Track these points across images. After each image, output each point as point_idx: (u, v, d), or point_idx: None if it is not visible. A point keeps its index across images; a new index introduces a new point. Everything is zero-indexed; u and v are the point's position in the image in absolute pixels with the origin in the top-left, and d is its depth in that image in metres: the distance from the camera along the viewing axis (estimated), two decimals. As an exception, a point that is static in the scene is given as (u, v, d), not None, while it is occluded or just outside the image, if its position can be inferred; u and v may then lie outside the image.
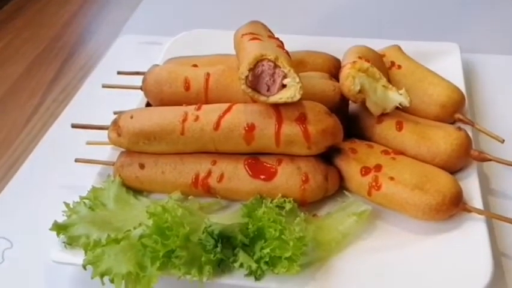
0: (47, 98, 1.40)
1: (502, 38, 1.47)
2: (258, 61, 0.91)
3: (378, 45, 1.19)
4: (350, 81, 0.99)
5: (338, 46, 1.17)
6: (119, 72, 1.21)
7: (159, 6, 1.76)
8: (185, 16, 1.67)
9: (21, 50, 1.59)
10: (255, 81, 0.92)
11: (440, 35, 1.44)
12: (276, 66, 0.91)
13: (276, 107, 0.95)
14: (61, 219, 0.94)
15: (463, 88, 1.14)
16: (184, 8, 1.73)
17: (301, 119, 0.94)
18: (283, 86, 0.91)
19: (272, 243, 0.85)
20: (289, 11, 1.65)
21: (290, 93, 0.91)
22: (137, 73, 1.17)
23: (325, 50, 1.20)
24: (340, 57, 1.15)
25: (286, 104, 0.93)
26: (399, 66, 1.16)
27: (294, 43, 0.99)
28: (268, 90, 0.92)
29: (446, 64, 1.23)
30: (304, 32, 1.36)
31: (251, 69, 0.91)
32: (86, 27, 1.72)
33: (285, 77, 0.91)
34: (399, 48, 1.20)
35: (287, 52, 0.97)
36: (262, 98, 0.92)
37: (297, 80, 0.90)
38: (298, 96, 0.90)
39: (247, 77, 0.91)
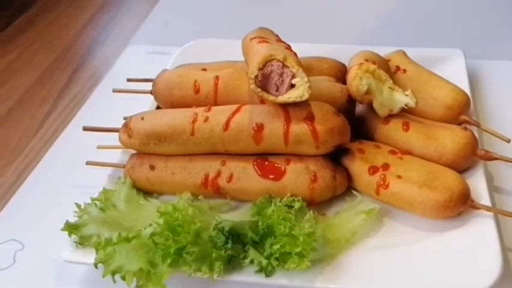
0: (58, 105, 1.42)
1: (507, 44, 1.48)
2: (267, 61, 0.93)
3: (383, 51, 1.20)
4: (358, 81, 1.01)
5: (343, 53, 1.18)
6: (129, 79, 1.23)
7: (167, 17, 1.78)
8: (192, 26, 1.70)
9: (33, 60, 1.62)
10: (264, 81, 0.93)
11: (444, 42, 1.46)
12: (284, 66, 0.92)
13: (284, 107, 0.96)
14: (72, 220, 0.95)
15: (467, 92, 1.15)
16: (192, 18, 1.75)
17: (310, 119, 0.95)
18: (292, 86, 0.93)
19: (282, 240, 0.86)
20: (295, 20, 1.67)
21: (299, 92, 0.92)
22: (147, 80, 1.19)
23: (331, 57, 1.21)
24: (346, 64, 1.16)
25: (294, 104, 0.95)
26: (405, 71, 1.17)
27: (299, 51, 1.01)
28: (277, 90, 0.94)
29: (451, 70, 1.24)
30: (310, 41, 1.37)
31: (260, 69, 0.93)
32: (96, 38, 1.75)
33: (293, 76, 0.92)
34: (404, 54, 1.22)
35: (295, 54, 0.98)
36: (271, 98, 0.94)
37: (306, 79, 0.92)
38: (306, 96, 0.92)
39: (256, 76, 0.93)
